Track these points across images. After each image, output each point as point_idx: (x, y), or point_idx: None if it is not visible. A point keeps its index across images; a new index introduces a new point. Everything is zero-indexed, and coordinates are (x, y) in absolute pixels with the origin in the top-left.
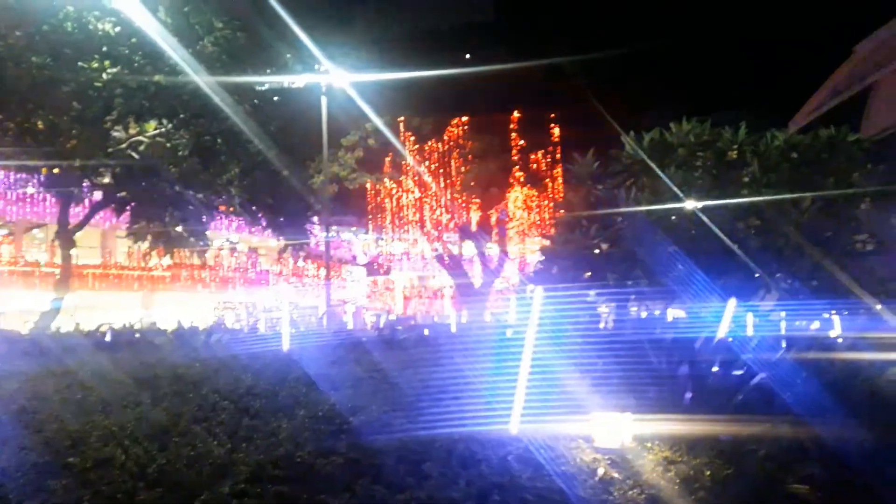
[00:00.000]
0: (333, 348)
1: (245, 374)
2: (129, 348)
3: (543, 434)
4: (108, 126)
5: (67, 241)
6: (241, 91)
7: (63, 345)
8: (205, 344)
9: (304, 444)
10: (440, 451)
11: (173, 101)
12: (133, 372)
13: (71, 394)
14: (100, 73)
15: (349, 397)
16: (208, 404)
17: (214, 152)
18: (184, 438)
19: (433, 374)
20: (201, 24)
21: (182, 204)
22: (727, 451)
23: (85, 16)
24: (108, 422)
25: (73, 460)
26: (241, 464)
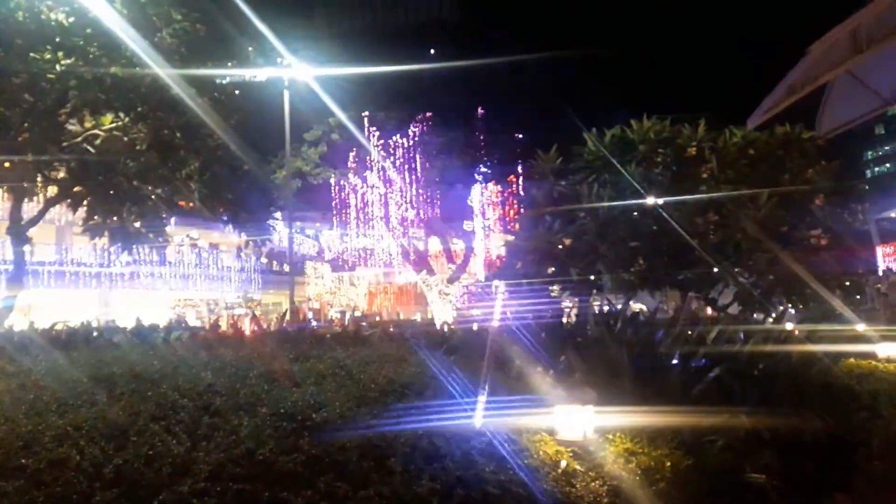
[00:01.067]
0: (297, 345)
1: (205, 372)
2: (86, 347)
3: (507, 427)
4: (62, 119)
5: (20, 236)
6: (201, 84)
7: (16, 343)
8: (164, 342)
9: (265, 441)
10: (404, 446)
11: (131, 93)
12: (89, 370)
13: (23, 393)
14: (53, 65)
15: (312, 394)
16: (167, 402)
17: (173, 146)
18: (142, 437)
19: (397, 370)
20: (159, 16)
21: (140, 199)
22: (687, 442)
23: (37, 5)
24: (63, 421)
25: (26, 461)
26: (201, 462)
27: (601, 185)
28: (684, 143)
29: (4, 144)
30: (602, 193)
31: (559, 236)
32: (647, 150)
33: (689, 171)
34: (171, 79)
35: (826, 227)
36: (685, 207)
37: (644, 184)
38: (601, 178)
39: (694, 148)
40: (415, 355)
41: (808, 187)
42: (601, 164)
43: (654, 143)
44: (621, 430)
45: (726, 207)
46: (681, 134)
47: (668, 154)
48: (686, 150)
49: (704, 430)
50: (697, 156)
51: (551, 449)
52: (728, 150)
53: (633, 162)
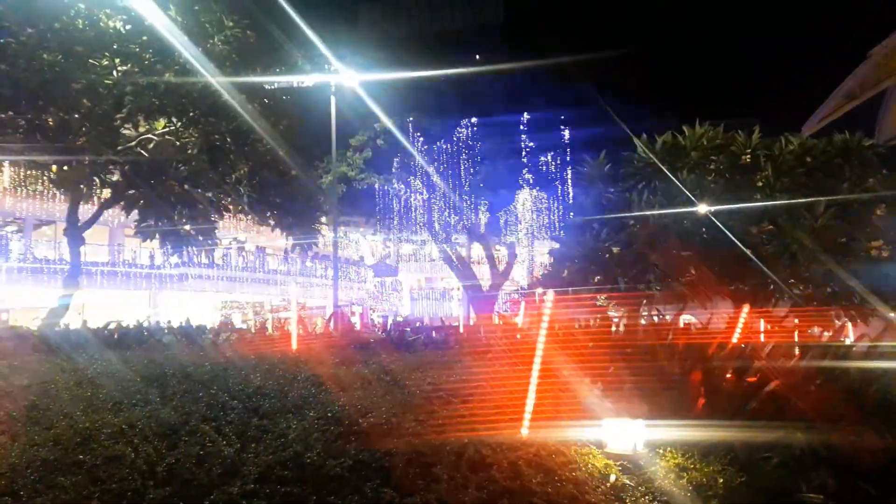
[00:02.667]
0: (341, 349)
1: (254, 374)
2: (138, 346)
3: (554, 439)
4: (117, 123)
5: (76, 237)
6: (250, 90)
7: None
8: (213, 343)
9: (313, 445)
10: (450, 454)
11: (183, 99)
12: (142, 370)
13: (81, 390)
14: (110, 71)
15: (358, 399)
16: (218, 403)
17: (223, 151)
18: (193, 437)
19: (442, 377)
20: (211, 23)
21: (191, 202)
22: (740, 459)
23: (96, 13)
24: (118, 419)
25: (83, 457)
26: (250, 464)
27: (651, 192)
28: (738, 150)
29: (63, 148)
30: (652, 201)
31: (607, 244)
32: (700, 157)
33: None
34: (221, 85)
35: (887, 238)
36: (739, 216)
37: (696, 191)
38: (651, 186)
39: (748, 155)
40: (459, 362)
41: (868, 197)
42: (652, 170)
43: (707, 149)
44: (672, 445)
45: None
46: (735, 141)
47: (722, 161)
48: (740, 158)
49: (758, 447)
50: (752, 163)
51: (600, 462)
52: (784, 158)
53: (684, 169)
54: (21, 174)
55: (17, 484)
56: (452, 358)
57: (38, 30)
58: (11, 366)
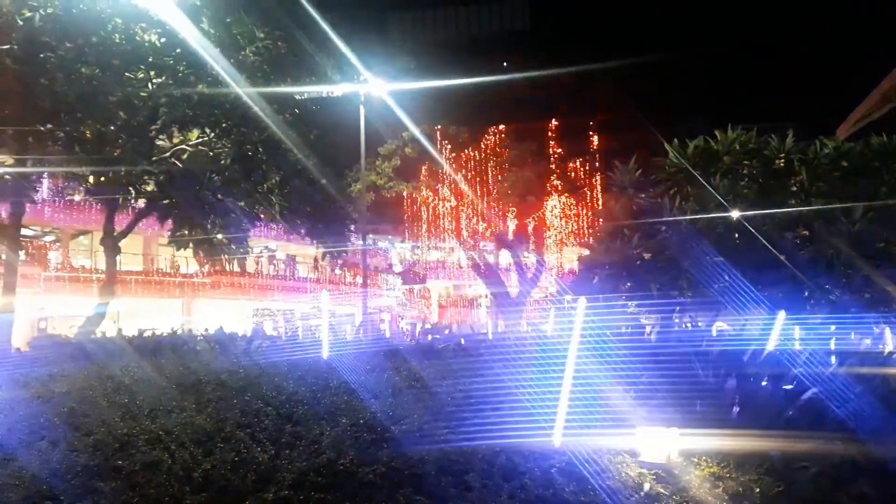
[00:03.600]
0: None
1: (286, 381)
2: (172, 354)
3: (587, 447)
4: (152, 135)
5: (112, 247)
6: (281, 100)
7: (108, 349)
8: (245, 350)
9: (346, 451)
10: (482, 462)
11: (216, 110)
12: (177, 377)
13: (118, 398)
14: (145, 83)
15: (389, 406)
16: (252, 410)
17: (255, 161)
18: (228, 444)
19: (473, 384)
20: (243, 35)
21: (224, 211)
22: (777, 468)
23: (132, 27)
24: (155, 426)
25: (122, 463)
26: (284, 470)
27: (683, 198)
28: (772, 154)
29: (100, 159)
30: (684, 206)
31: (638, 251)
32: (733, 161)
33: (777, 183)
34: (253, 96)
35: None
36: (773, 222)
37: (729, 197)
38: (683, 191)
39: (782, 160)
40: (490, 369)
41: None
42: (683, 176)
43: (740, 154)
44: (707, 454)
45: (817, 222)
46: (768, 145)
47: (755, 166)
48: (774, 162)
49: (796, 456)
50: (786, 168)
51: (634, 471)
52: (819, 162)
53: (717, 174)
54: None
55: (58, 489)
56: (482, 365)
57: (77, 44)
58: (51, 373)
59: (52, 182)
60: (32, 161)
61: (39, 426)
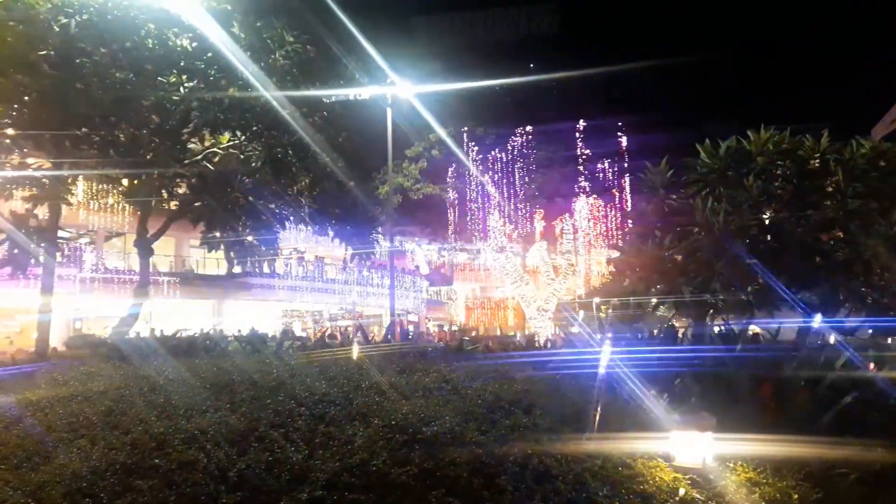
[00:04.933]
0: (400, 358)
1: (318, 382)
2: (205, 354)
3: (620, 451)
4: (184, 138)
5: (146, 249)
6: (310, 103)
7: (142, 349)
8: (276, 351)
9: (378, 452)
10: (514, 464)
11: (246, 113)
12: (210, 377)
13: (154, 397)
14: (178, 87)
15: (420, 407)
16: (285, 410)
17: (285, 163)
18: (262, 443)
19: (503, 387)
20: (273, 39)
21: (254, 213)
22: (815, 474)
23: (165, 32)
24: (191, 425)
25: (159, 462)
26: (317, 471)
27: (716, 199)
28: (806, 154)
29: (134, 162)
30: (717, 208)
31: (670, 252)
32: (766, 162)
33: (812, 184)
34: (282, 99)
35: None
36: (808, 223)
37: (763, 198)
38: (716, 192)
39: (817, 160)
40: (519, 371)
41: None
42: (715, 176)
43: (774, 154)
44: (742, 459)
45: (854, 223)
46: (802, 145)
47: (789, 166)
48: (808, 163)
49: (834, 462)
50: (821, 168)
51: (668, 475)
52: (855, 163)
53: (750, 175)
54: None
55: (97, 486)
56: (512, 367)
57: (111, 50)
58: (88, 372)
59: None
60: (69, 164)
61: (78, 424)
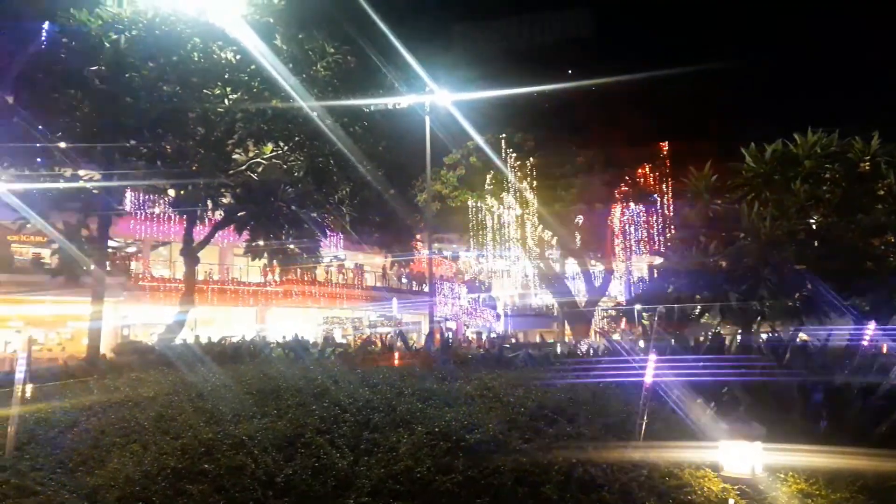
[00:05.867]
0: (441, 365)
1: (361, 388)
2: (250, 360)
3: (666, 460)
4: (229, 149)
5: (192, 257)
6: (350, 113)
7: (188, 356)
8: (319, 357)
9: (423, 459)
10: (559, 473)
11: (289, 124)
12: (256, 383)
13: (202, 403)
14: (222, 99)
15: (463, 415)
16: (330, 416)
17: (327, 173)
18: (308, 449)
19: (546, 394)
20: (314, 50)
21: (297, 222)
22: (870, 486)
23: (210, 46)
24: (238, 431)
25: (208, 467)
26: (363, 477)
27: (762, 203)
28: (856, 157)
29: (181, 172)
30: (763, 213)
31: (715, 258)
32: (814, 165)
33: (862, 187)
34: (324, 109)
35: None
36: (858, 228)
37: (810, 202)
38: (761, 197)
39: (867, 163)
40: (562, 380)
41: None
42: (761, 181)
43: (821, 158)
44: (793, 469)
45: None
46: (851, 147)
47: (838, 170)
48: (858, 165)
49: (891, 474)
50: (872, 171)
51: (716, 486)
52: None
53: (797, 179)
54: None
55: (149, 490)
56: (554, 375)
57: (159, 64)
58: (138, 378)
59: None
60: (118, 175)
61: (130, 429)
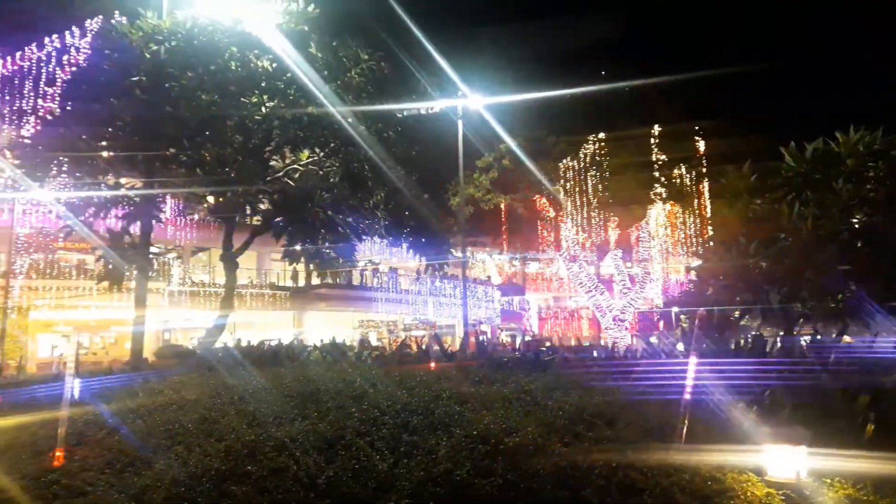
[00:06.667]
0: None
1: (399, 391)
2: (289, 363)
3: (708, 464)
4: (266, 156)
5: (231, 262)
6: (384, 119)
7: (229, 359)
8: (356, 360)
9: (462, 462)
10: (599, 478)
11: (324, 130)
12: (296, 386)
13: (244, 405)
14: (260, 107)
15: (501, 418)
16: (369, 419)
17: (362, 178)
18: (349, 451)
19: (584, 398)
20: (348, 57)
21: (333, 227)
22: None
23: (247, 54)
24: (280, 433)
25: (251, 469)
26: (403, 479)
27: (803, 203)
28: None
29: (220, 180)
30: (804, 213)
31: (755, 260)
32: (857, 164)
33: None
34: (358, 115)
35: None
36: None
37: (853, 201)
38: (802, 196)
39: None
40: (600, 383)
41: None
42: (802, 180)
43: (865, 156)
44: (840, 474)
45: None
46: None
47: (882, 168)
48: None
49: None
50: None
51: (760, 490)
52: None
53: (839, 178)
54: (181, 205)
55: (195, 491)
56: (592, 378)
57: (197, 73)
58: (181, 381)
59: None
60: (159, 183)
61: (174, 431)
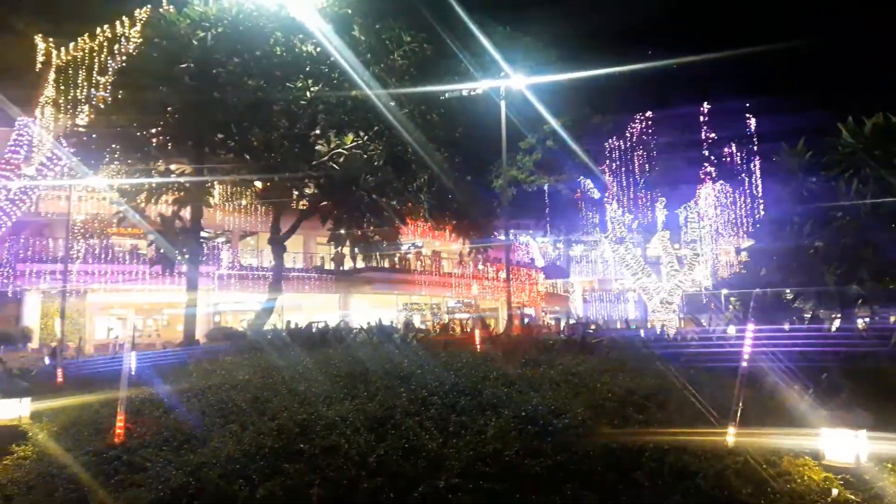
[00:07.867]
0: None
1: (447, 372)
2: (337, 344)
3: (763, 448)
4: (312, 140)
5: (279, 246)
6: (427, 101)
7: (279, 340)
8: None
9: (511, 443)
10: (650, 460)
11: (368, 114)
12: (345, 366)
13: (295, 385)
14: (304, 92)
15: (550, 399)
16: (418, 399)
17: (406, 161)
18: (398, 431)
19: (634, 380)
20: (391, 40)
21: (377, 211)
22: None
23: (291, 39)
24: (331, 412)
25: (303, 447)
26: (452, 459)
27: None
28: None
29: (266, 165)
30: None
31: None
32: None
33: None
34: (402, 98)
35: None
36: None
37: None
38: (861, 174)
39: None
40: (651, 365)
41: None
42: (860, 157)
43: None
44: None
45: None
46: None
47: None
48: None
49: None
50: None
51: (818, 475)
52: None
53: None
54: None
55: (249, 468)
56: (641, 361)
57: (243, 59)
58: (234, 362)
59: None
60: (208, 169)
61: (228, 410)
